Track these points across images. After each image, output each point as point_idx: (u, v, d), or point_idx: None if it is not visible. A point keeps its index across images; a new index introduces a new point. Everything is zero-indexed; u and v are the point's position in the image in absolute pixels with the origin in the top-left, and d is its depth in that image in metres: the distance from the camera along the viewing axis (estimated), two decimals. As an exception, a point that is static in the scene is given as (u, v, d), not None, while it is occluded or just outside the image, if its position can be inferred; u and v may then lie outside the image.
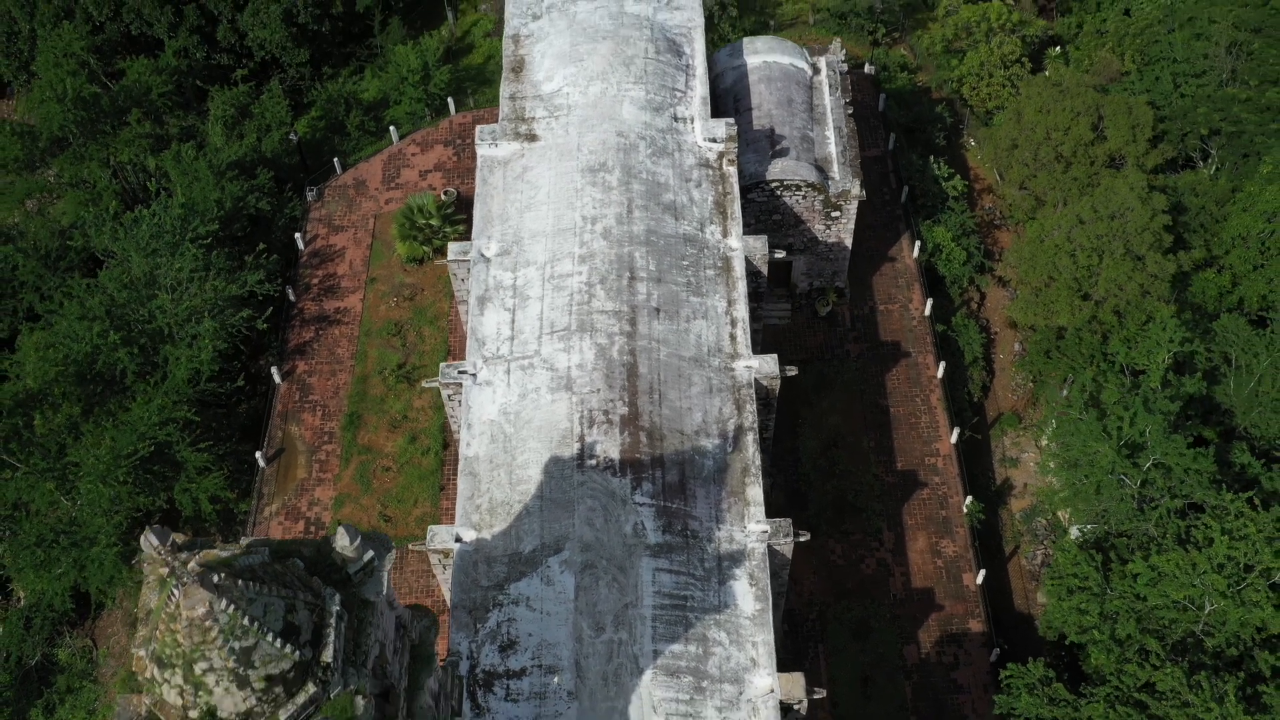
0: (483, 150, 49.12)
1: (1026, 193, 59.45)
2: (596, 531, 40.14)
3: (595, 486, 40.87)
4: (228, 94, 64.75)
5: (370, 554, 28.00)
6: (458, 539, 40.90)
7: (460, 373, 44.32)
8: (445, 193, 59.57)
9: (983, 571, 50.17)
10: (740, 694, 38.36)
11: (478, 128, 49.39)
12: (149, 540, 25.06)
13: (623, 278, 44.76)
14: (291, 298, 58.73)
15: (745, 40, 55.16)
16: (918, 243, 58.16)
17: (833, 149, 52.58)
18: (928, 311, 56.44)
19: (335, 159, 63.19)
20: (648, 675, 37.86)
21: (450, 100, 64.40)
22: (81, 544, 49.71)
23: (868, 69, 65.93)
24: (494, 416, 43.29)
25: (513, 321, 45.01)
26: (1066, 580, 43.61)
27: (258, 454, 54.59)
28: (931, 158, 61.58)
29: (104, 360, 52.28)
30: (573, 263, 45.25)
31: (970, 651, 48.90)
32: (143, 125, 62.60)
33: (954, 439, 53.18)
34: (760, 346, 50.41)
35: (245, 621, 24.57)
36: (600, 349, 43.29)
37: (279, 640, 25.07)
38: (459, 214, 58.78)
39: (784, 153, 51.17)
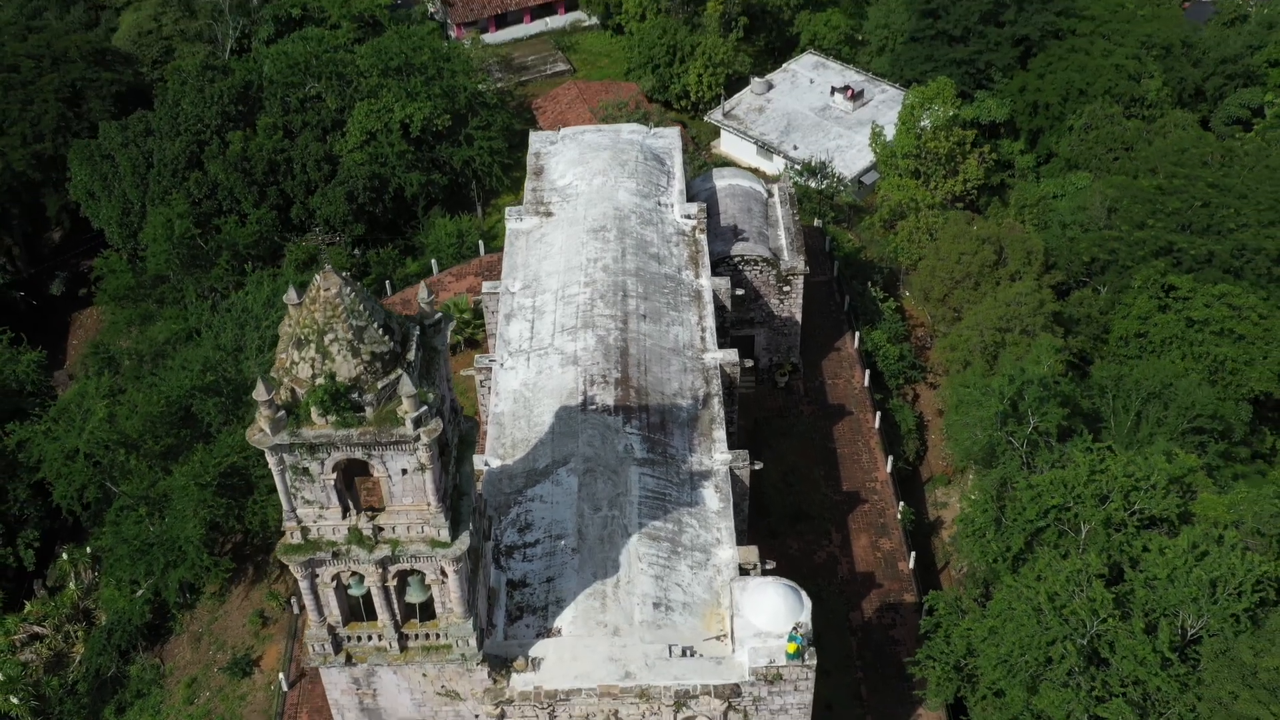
0: (510, 224, 63.61)
1: (946, 307, 73.42)
2: (596, 449, 51.66)
3: (595, 421, 52.72)
4: (300, 246, 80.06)
5: (439, 315, 40.30)
6: (486, 464, 52.27)
7: (490, 361, 56.88)
8: (475, 300, 73.50)
9: (913, 554, 60.60)
10: (708, 560, 48.84)
11: (506, 208, 64.10)
12: (290, 297, 37.73)
13: (618, 294, 58.08)
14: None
15: (715, 169, 71.01)
16: (857, 334, 71.58)
17: (784, 242, 67.01)
18: (866, 383, 69.14)
19: (386, 281, 77.69)
20: (634, 539, 48.46)
21: (480, 242, 79.61)
22: (172, 530, 60.26)
23: (817, 223, 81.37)
24: (516, 388, 55.53)
25: (532, 327, 57.98)
26: (971, 515, 54.41)
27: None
28: (869, 283, 76.01)
29: (196, 407, 64.51)
30: (578, 287, 58.71)
31: (905, 616, 58.63)
32: (230, 266, 77.53)
33: (889, 468, 64.66)
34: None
35: (360, 307, 36.80)
36: (600, 338, 56.03)
37: (380, 329, 37.14)
38: (487, 317, 72.45)
39: (745, 240, 65.56)
